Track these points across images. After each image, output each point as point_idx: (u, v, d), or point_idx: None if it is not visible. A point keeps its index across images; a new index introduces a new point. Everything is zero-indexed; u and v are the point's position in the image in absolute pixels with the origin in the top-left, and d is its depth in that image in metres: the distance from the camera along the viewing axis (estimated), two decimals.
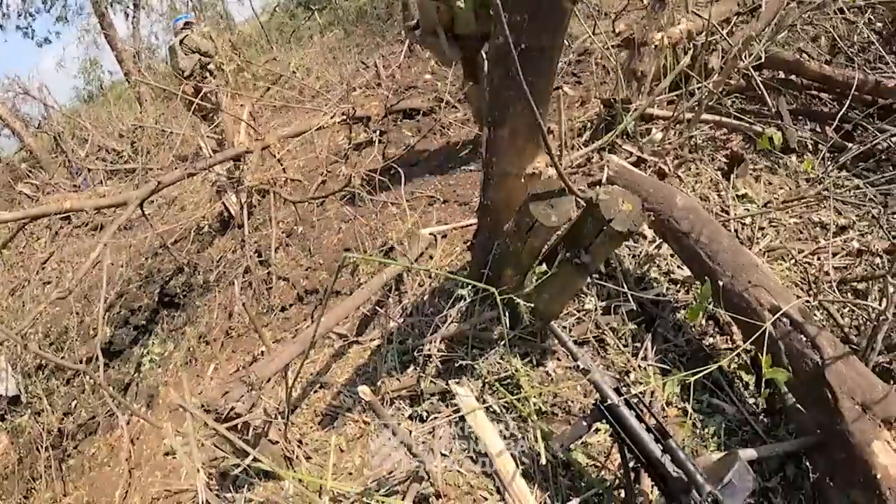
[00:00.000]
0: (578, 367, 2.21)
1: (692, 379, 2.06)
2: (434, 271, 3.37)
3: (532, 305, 2.76)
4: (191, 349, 5.76)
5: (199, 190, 8.66)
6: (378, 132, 7.05)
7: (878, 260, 3.46)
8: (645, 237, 3.57)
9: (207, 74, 8.39)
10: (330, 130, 6.84)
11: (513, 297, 2.68)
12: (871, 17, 5.31)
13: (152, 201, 8.77)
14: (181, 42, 8.29)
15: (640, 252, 3.56)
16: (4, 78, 13.02)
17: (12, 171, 12.79)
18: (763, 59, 4.52)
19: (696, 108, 4.43)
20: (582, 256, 2.42)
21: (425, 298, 3.81)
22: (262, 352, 4.55)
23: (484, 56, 4.84)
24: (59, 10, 16.39)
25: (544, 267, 2.56)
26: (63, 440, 5.95)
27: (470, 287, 3.19)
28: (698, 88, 4.51)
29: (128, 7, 17.35)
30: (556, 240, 2.72)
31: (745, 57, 4.48)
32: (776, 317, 2.36)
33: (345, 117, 6.54)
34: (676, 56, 5.00)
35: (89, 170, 10.65)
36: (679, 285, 3.38)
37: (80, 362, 6.33)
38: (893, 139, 4.15)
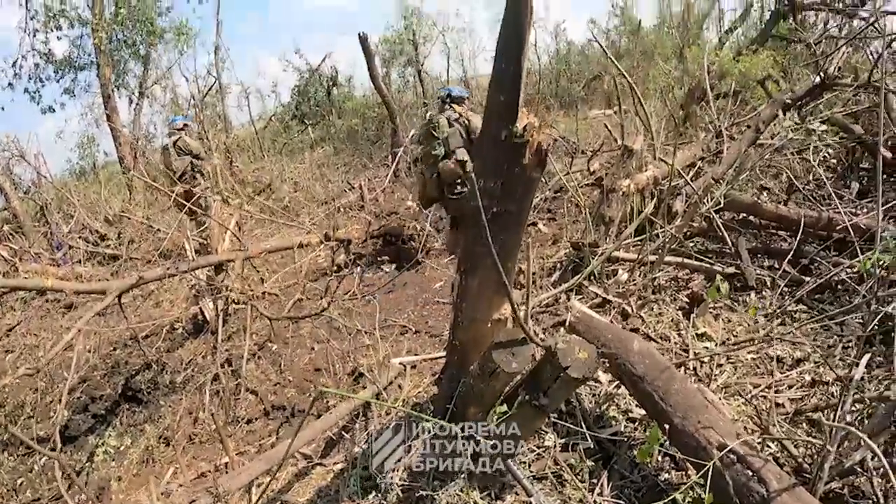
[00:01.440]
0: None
1: None
2: (401, 409, 3.46)
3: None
4: (149, 448, 5.64)
5: (176, 288, 8.70)
6: (357, 255, 7.28)
7: (833, 389, 3.56)
8: (600, 382, 3.71)
9: (198, 176, 8.72)
10: (312, 248, 7.05)
11: None
12: (826, 155, 5.65)
13: (129, 292, 8.77)
14: (174, 143, 8.66)
15: (600, 392, 3.69)
16: (4, 136, 12.99)
17: None
18: (723, 204, 4.81)
19: (660, 251, 4.69)
20: (540, 399, 2.56)
21: (391, 427, 3.89)
22: (226, 463, 4.54)
23: None
24: (68, 82, 16.84)
25: (505, 407, 2.69)
26: None
27: (434, 421, 3.29)
28: (662, 232, 4.80)
29: (133, 94, 17.85)
30: (517, 382, 2.86)
31: (707, 201, 4.79)
32: (722, 454, 2.48)
33: (326, 239, 6.79)
34: (643, 200, 5.34)
35: (70, 247, 10.62)
36: (637, 423, 3.49)
37: (34, 440, 6.16)
38: (847, 271, 4.32)
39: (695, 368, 3.94)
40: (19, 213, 12.18)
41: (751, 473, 2.46)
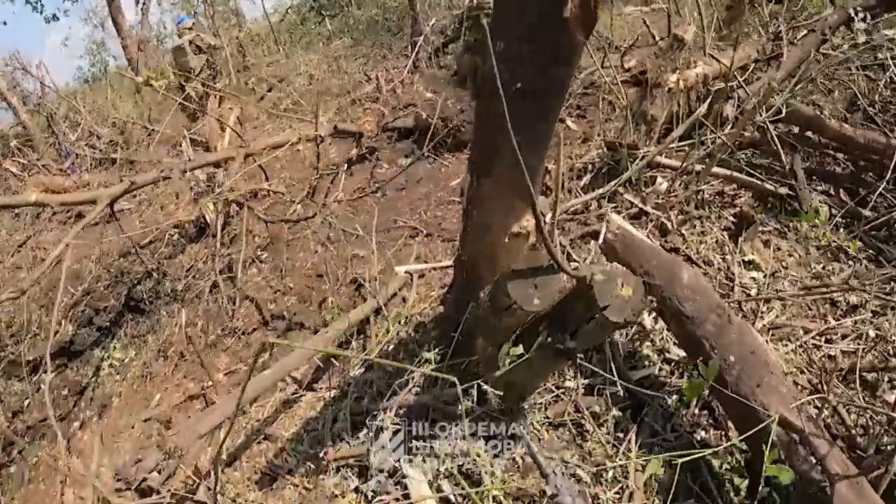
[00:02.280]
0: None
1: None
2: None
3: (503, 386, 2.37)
4: (147, 364, 5.38)
5: (183, 190, 8.30)
6: (370, 149, 6.73)
7: (890, 347, 3.14)
8: (644, 326, 3.18)
9: (215, 73, 9.06)
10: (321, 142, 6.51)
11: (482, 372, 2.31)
12: (893, 76, 4.97)
13: (135, 195, 8.39)
14: (190, 42, 8.74)
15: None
16: (7, 52, 12.80)
17: (4, 145, 12.48)
18: (783, 114, 4.19)
19: (707, 161, 4.09)
20: (567, 342, 2.03)
21: (389, 349, 3.44)
22: (211, 384, 4.18)
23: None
24: None
25: (521, 349, 2.16)
26: (13, 442, 5.55)
27: (437, 350, 2.82)
28: (711, 140, 4.18)
29: None
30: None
31: (764, 110, 4.15)
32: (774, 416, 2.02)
33: (334, 132, 6.22)
34: (689, 101, 4.67)
35: (77, 155, 10.32)
36: (673, 366, 3.00)
37: (38, 360, 5.97)
38: None
39: (739, 302, 3.47)
40: (29, 126, 12.07)
41: (813, 459, 2.03)
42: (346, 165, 6.64)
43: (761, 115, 4.14)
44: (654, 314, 3.03)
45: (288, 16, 17.09)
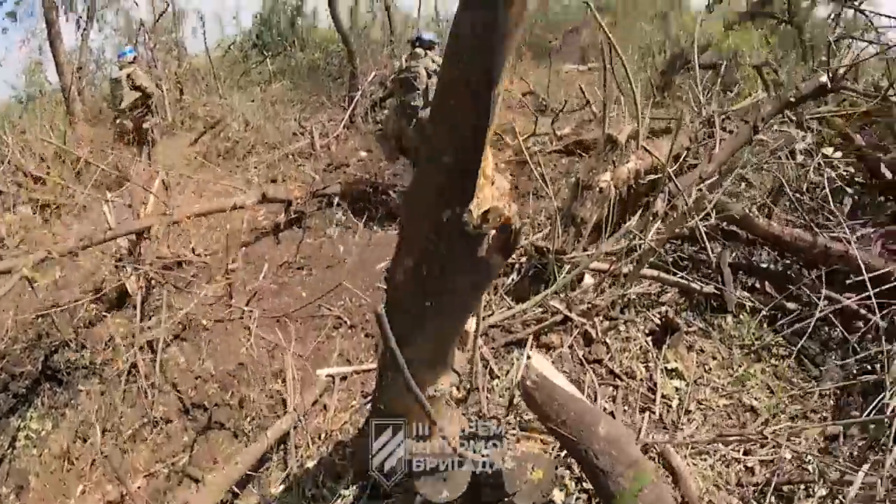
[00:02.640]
0: None
1: None
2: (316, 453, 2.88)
3: None
4: (65, 448, 5.06)
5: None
6: (299, 215, 6.59)
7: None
8: None
9: (146, 111, 9.00)
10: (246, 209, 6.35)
11: None
12: (821, 163, 5.10)
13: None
14: (128, 76, 8.81)
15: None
16: None
17: None
18: (713, 218, 4.28)
19: (636, 264, 4.13)
20: None
21: (310, 468, 3.32)
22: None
23: None
24: (11, 5, 15.38)
25: None
26: None
27: (355, 487, 2.73)
28: (639, 242, 4.21)
29: (80, 17, 16.41)
30: None
31: (695, 211, 4.21)
32: None
33: (262, 199, 6.13)
34: (622, 197, 4.70)
35: (1, 192, 9.78)
36: (590, 495, 2.97)
37: None
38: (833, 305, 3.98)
39: (661, 414, 3.55)
40: None
41: None
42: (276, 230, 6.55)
43: (693, 220, 4.19)
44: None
45: (230, 52, 16.80)
